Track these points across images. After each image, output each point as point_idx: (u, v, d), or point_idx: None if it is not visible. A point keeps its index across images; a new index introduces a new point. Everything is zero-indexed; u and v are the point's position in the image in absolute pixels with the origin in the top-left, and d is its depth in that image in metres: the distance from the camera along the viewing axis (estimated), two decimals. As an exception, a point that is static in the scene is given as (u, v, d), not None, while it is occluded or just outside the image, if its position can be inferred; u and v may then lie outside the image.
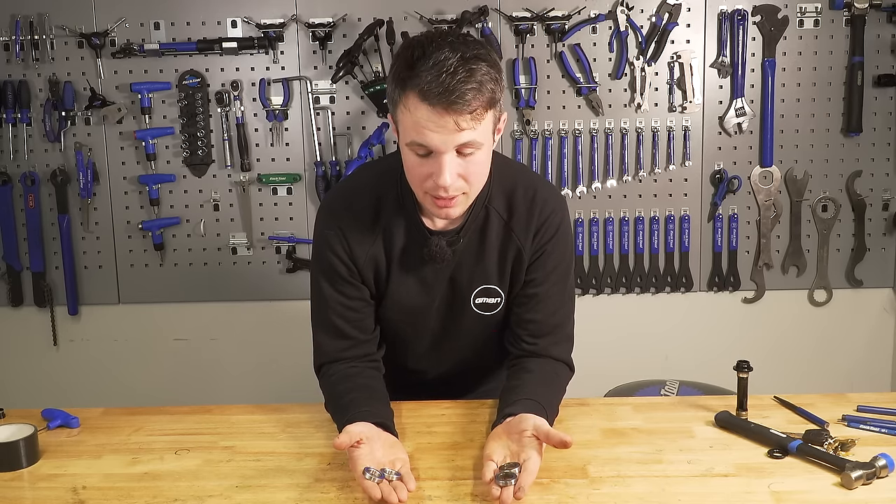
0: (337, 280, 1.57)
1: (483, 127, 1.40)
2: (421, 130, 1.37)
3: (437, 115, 1.35)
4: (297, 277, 2.80)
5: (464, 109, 1.35)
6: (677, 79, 2.69)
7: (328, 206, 1.62)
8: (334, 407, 1.54)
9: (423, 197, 1.47)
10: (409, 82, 1.36)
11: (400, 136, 1.44)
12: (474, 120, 1.37)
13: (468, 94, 1.34)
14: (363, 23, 2.65)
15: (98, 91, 2.70)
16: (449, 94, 1.33)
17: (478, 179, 1.46)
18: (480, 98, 1.36)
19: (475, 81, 1.35)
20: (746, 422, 1.49)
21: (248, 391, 2.90)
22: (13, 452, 1.41)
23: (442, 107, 1.34)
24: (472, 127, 1.37)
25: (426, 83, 1.34)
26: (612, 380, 2.24)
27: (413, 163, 1.43)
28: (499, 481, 1.24)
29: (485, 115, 1.39)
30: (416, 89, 1.35)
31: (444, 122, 1.35)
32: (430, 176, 1.41)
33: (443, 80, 1.33)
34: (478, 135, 1.39)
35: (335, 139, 2.73)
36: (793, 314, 2.84)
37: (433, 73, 1.34)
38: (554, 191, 1.66)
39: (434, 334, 1.67)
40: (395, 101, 1.43)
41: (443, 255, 1.55)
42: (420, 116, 1.36)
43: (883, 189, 2.76)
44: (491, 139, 1.46)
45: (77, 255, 2.81)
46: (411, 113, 1.38)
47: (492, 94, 1.39)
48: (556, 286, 1.60)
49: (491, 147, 1.47)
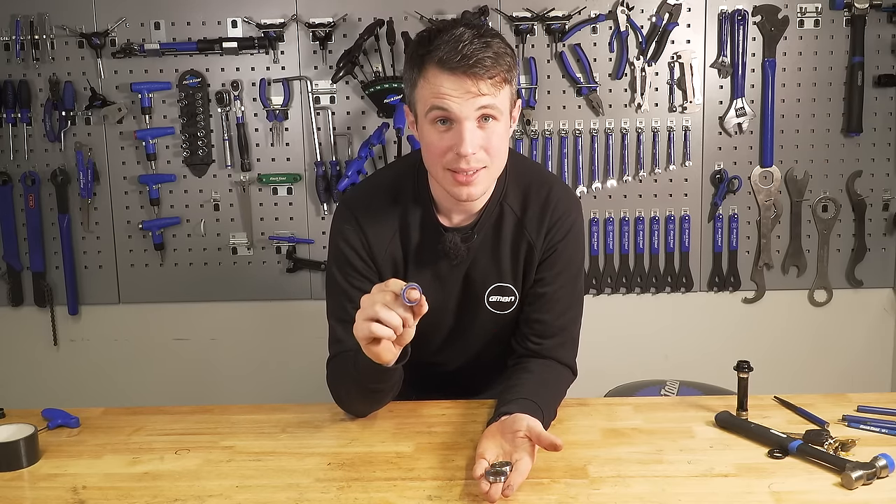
0: (352, 273, 1.57)
1: (501, 97, 1.43)
2: (441, 97, 1.40)
3: (458, 81, 1.39)
4: (297, 277, 2.80)
5: (483, 74, 1.39)
6: (677, 79, 2.69)
7: (346, 203, 1.63)
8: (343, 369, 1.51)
9: (444, 176, 1.47)
10: (428, 56, 1.41)
11: (419, 113, 1.46)
12: (493, 87, 1.41)
13: (487, 61, 1.39)
14: (363, 23, 2.65)
15: (98, 91, 2.70)
16: (467, 59, 1.38)
17: (498, 154, 1.47)
18: (498, 67, 1.41)
19: (492, 51, 1.40)
20: (746, 422, 1.49)
21: (248, 391, 2.90)
22: (13, 452, 1.41)
23: (462, 71, 1.38)
24: (492, 93, 1.41)
25: (445, 53, 1.39)
26: (612, 380, 2.24)
27: (433, 138, 1.44)
28: (489, 477, 1.25)
29: (503, 87, 1.43)
30: (434, 60, 1.40)
31: (466, 86, 1.39)
32: (450, 148, 1.43)
33: (461, 49, 1.38)
34: (498, 101, 1.42)
35: (335, 139, 2.73)
36: (793, 314, 2.84)
37: (451, 45, 1.39)
38: (569, 192, 1.66)
39: (449, 332, 1.67)
40: (413, 81, 1.46)
41: (457, 251, 1.55)
42: (440, 84, 1.40)
43: (883, 189, 2.76)
44: (508, 117, 1.48)
45: (77, 255, 2.81)
46: (431, 84, 1.41)
47: (508, 69, 1.43)
48: (565, 288, 1.60)
49: (508, 125, 1.49)
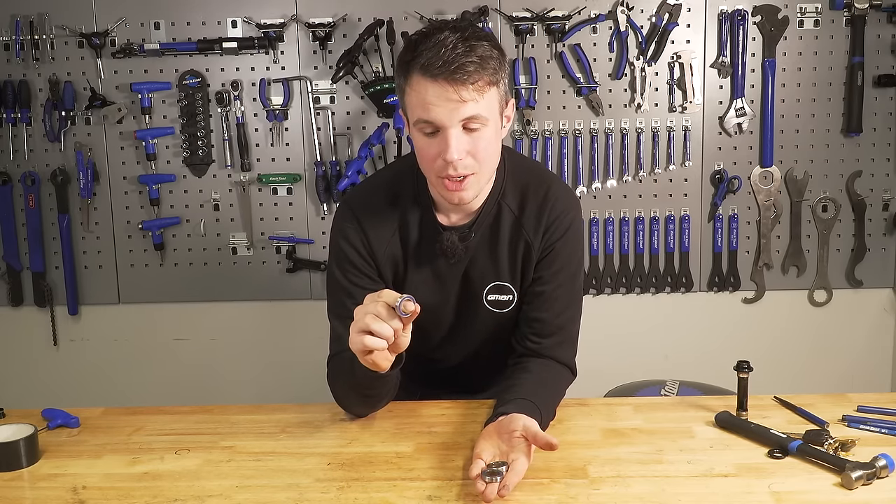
0: (353, 271, 1.57)
1: (487, 102, 1.42)
2: (426, 106, 1.40)
3: (440, 89, 1.38)
4: (297, 277, 2.80)
5: (466, 80, 1.38)
6: (677, 79, 2.69)
7: (347, 202, 1.63)
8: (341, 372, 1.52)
9: (437, 182, 1.47)
10: (412, 63, 1.40)
11: (409, 117, 1.46)
12: (477, 92, 1.39)
13: (469, 67, 1.37)
14: (363, 23, 2.65)
15: (98, 91, 2.70)
16: (449, 66, 1.37)
17: (486, 158, 1.46)
18: (482, 72, 1.39)
19: (476, 56, 1.38)
20: (746, 422, 1.49)
21: (248, 391, 2.90)
22: (13, 452, 1.41)
23: (444, 79, 1.37)
24: (476, 99, 1.40)
25: (427, 60, 1.38)
26: (612, 380, 2.24)
27: (423, 144, 1.45)
28: (485, 477, 1.25)
29: (488, 90, 1.41)
30: (418, 67, 1.39)
31: (447, 94, 1.38)
32: (439, 155, 1.43)
33: (443, 55, 1.37)
34: (482, 108, 1.41)
35: (335, 139, 2.73)
36: (793, 314, 2.84)
37: (434, 51, 1.38)
38: (568, 191, 1.66)
39: (448, 330, 1.68)
40: (402, 88, 1.46)
41: (454, 249, 1.56)
42: (424, 92, 1.39)
43: (883, 189, 2.76)
44: (498, 119, 1.47)
45: (77, 255, 2.81)
46: (416, 92, 1.41)
47: (494, 72, 1.41)
48: (564, 287, 1.60)
49: (499, 128, 1.48)
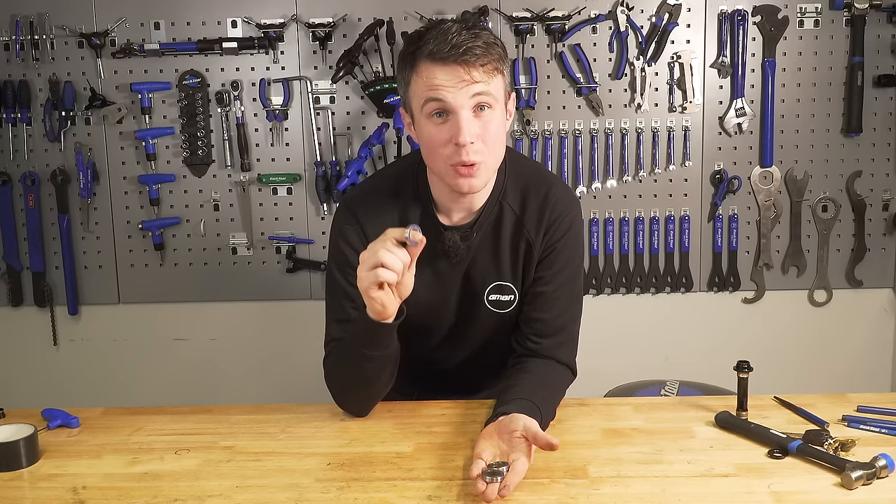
0: (352, 273, 1.56)
1: (495, 85, 1.45)
2: (435, 88, 1.42)
3: (450, 71, 1.41)
4: (297, 277, 2.80)
5: (475, 62, 1.41)
6: (677, 79, 2.69)
7: (347, 203, 1.63)
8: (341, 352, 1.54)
9: (447, 171, 1.48)
10: (418, 52, 1.43)
11: (415, 109, 1.47)
12: (486, 74, 1.43)
13: (477, 49, 1.41)
14: (363, 23, 2.65)
15: (98, 91, 2.70)
16: (458, 48, 1.40)
17: (495, 144, 1.48)
18: (489, 55, 1.43)
19: (482, 41, 1.42)
20: (746, 422, 1.49)
21: (248, 391, 2.90)
22: (13, 452, 1.41)
23: (453, 60, 1.41)
24: (485, 80, 1.42)
25: (435, 45, 1.41)
26: (612, 380, 2.24)
27: (431, 131, 1.46)
28: (485, 477, 1.25)
29: (495, 75, 1.45)
30: (425, 54, 1.42)
31: (458, 74, 1.41)
32: (450, 140, 1.44)
33: (451, 40, 1.41)
34: (492, 89, 1.44)
35: (335, 139, 2.73)
36: (793, 314, 2.84)
37: (441, 38, 1.41)
38: (569, 191, 1.67)
39: (449, 330, 1.68)
40: (406, 79, 1.47)
41: (456, 249, 1.56)
42: (433, 77, 1.42)
43: (883, 189, 2.76)
44: (504, 106, 1.49)
45: (77, 255, 2.81)
46: (424, 78, 1.43)
47: (500, 59, 1.45)
48: (564, 287, 1.60)
49: (504, 116, 1.50)
